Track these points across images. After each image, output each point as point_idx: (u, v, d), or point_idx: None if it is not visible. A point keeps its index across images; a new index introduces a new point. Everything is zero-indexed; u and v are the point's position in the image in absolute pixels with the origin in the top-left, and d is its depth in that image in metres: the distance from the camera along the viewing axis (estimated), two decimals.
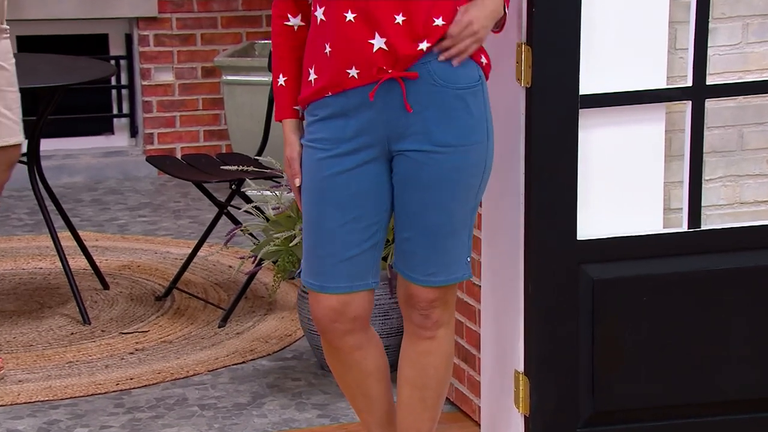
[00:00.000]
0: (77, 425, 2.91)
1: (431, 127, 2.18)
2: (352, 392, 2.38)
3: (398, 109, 2.17)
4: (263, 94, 3.87)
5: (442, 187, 2.21)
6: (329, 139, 2.19)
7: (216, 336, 3.42)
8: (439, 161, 2.20)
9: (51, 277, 3.83)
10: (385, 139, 2.20)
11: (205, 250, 3.83)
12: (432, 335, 2.32)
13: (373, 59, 2.13)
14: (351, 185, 2.20)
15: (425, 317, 2.30)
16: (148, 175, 4.98)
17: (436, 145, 2.19)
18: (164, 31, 5.02)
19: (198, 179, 3.55)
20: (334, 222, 2.21)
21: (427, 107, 2.17)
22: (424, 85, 2.16)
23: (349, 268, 2.23)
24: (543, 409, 2.58)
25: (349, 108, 2.18)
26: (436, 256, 2.25)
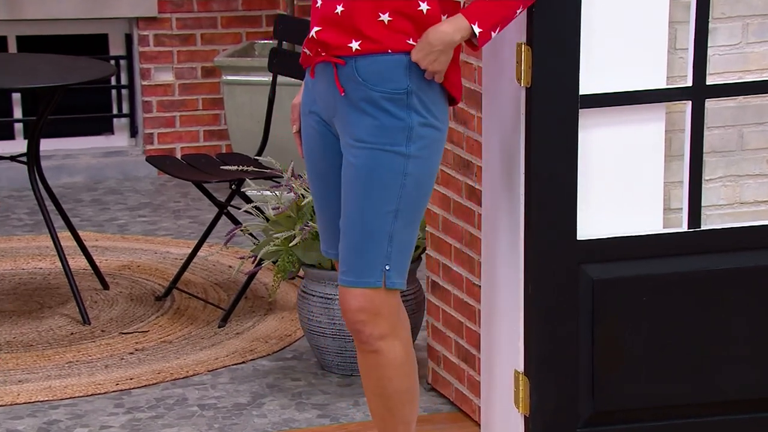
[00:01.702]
0: (77, 425, 2.91)
1: (353, 121, 2.21)
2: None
3: (330, 93, 2.25)
4: (263, 94, 3.87)
5: (356, 181, 2.22)
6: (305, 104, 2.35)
7: (216, 336, 3.42)
8: (356, 155, 2.22)
9: (51, 277, 3.83)
10: (328, 118, 2.29)
11: (205, 250, 3.83)
12: (374, 349, 2.26)
13: (314, 42, 2.23)
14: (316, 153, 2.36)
15: (358, 332, 2.25)
16: (148, 175, 4.98)
17: (353, 138, 2.23)
18: (164, 31, 5.02)
19: (198, 179, 3.55)
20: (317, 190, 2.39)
21: (349, 101, 2.20)
22: (350, 81, 2.20)
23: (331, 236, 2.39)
24: (543, 409, 2.58)
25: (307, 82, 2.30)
26: (350, 254, 2.23)
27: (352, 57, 2.17)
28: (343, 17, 2.14)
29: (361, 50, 2.15)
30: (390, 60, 2.16)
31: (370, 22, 2.13)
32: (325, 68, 2.22)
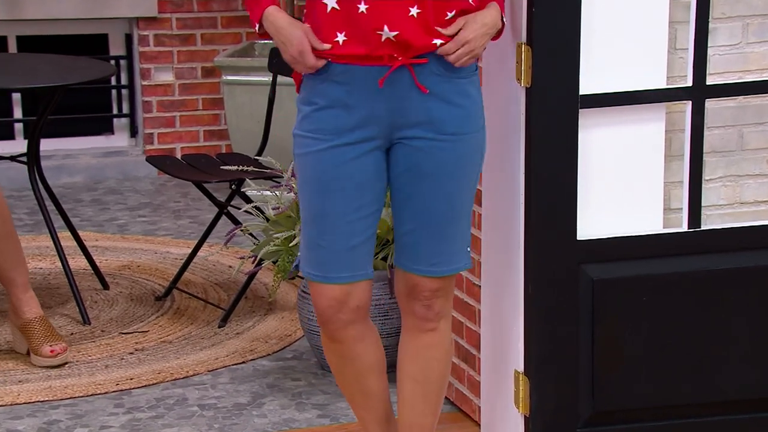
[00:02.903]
0: (77, 425, 2.91)
1: (435, 115, 2.22)
2: (351, 389, 2.38)
3: (404, 98, 2.19)
4: (263, 94, 3.87)
5: (445, 175, 2.25)
6: (329, 129, 2.20)
7: (216, 336, 3.42)
8: (443, 149, 2.23)
9: (51, 277, 3.82)
10: (389, 128, 2.22)
11: (205, 250, 3.83)
12: (434, 327, 2.34)
13: (383, 48, 2.16)
14: (355, 175, 2.21)
15: (428, 308, 2.32)
16: (148, 175, 4.98)
17: (440, 133, 2.22)
18: (164, 31, 5.02)
19: (198, 179, 3.55)
20: (339, 212, 2.22)
21: (431, 96, 2.20)
22: (429, 75, 2.20)
23: (352, 258, 2.25)
24: (543, 409, 2.58)
25: (352, 95, 2.18)
26: (440, 245, 2.28)
27: (430, 54, 2.18)
28: (420, 18, 2.16)
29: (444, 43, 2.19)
30: None
31: (440, 19, 2.18)
32: (395, 74, 2.17)
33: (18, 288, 3.18)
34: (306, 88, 2.23)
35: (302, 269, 2.30)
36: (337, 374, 2.38)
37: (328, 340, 2.33)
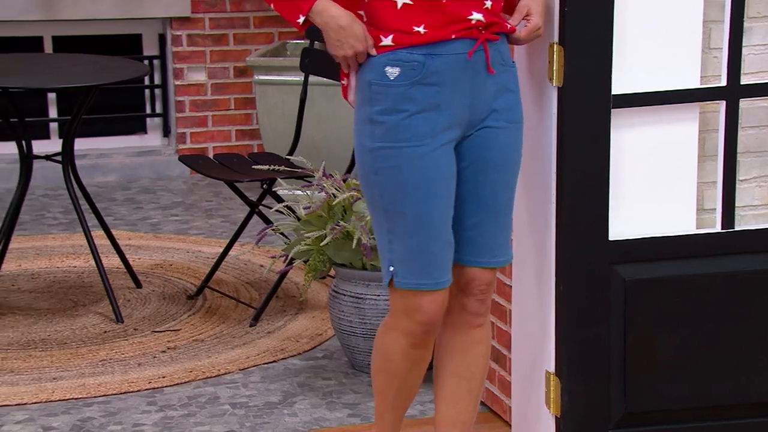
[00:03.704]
0: (110, 423, 2.93)
1: (502, 103, 2.27)
2: (404, 390, 2.36)
3: (480, 90, 2.23)
4: (295, 93, 3.88)
5: (509, 164, 2.30)
6: (423, 134, 2.19)
7: (247, 335, 3.44)
8: (507, 137, 2.29)
9: (85, 276, 3.86)
10: (467, 126, 2.25)
11: (237, 250, 3.84)
12: (482, 322, 2.37)
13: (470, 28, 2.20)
14: (448, 176, 2.23)
15: (481, 302, 2.34)
16: (181, 174, 5.01)
17: (507, 121, 2.28)
18: (197, 31, 5.05)
19: (230, 179, 3.56)
20: (442, 215, 2.22)
21: (500, 86, 2.26)
22: (497, 65, 2.25)
23: (451, 258, 2.26)
24: (574, 409, 2.57)
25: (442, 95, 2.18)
26: (501, 236, 2.32)
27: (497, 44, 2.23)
28: (492, 9, 2.22)
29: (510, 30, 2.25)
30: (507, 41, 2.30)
31: (500, 10, 2.26)
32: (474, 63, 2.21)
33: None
34: (387, 98, 2.18)
35: (405, 283, 2.22)
36: (398, 378, 2.34)
37: (410, 347, 2.29)
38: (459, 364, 2.37)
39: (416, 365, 2.33)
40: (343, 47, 2.15)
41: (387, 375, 2.35)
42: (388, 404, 2.39)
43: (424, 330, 2.27)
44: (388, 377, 2.35)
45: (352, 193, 3.14)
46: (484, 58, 2.21)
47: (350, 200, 3.14)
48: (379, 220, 2.24)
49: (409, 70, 2.16)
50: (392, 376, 2.34)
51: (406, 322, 2.27)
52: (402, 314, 2.27)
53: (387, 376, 2.35)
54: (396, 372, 2.34)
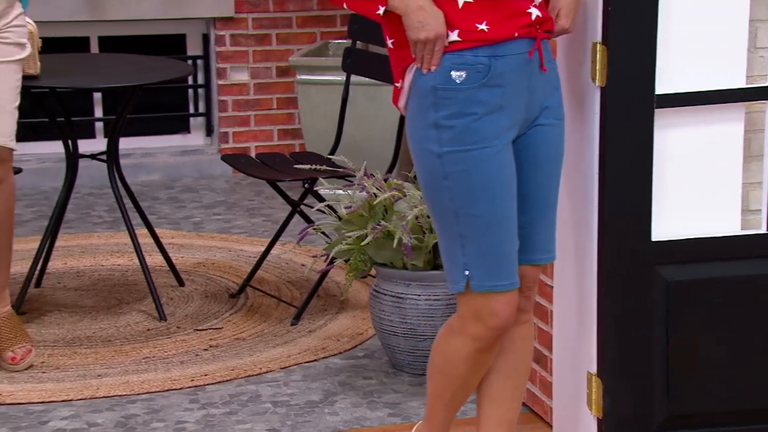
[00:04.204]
0: (153, 420, 2.96)
1: (552, 100, 2.29)
2: (461, 392, 2.36)
3: (535, 88, 2.25)
4: (337, 93, 3.89)
5: (559, 160, 2.33)
6: (491, 135, 2.20)
7: (288, 334, 3.45)
8: (558, 134, 2.32)
9: (129, 274, 3.89)
10: (523, 123, 2.27)
11: (278, 249, 3.86)
12: (528, 318, 2.38)
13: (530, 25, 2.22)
14: (513, 176, 2.25)
15: (527, 299, 2.36)
16: (223, 173, 5.04)
17: (555, 118, 2.31)
18: (240, 31, 5.08)
19: (272, 178, 3.58)
20: (510, 215, 2.24)
21: (550, 83, 2.28)
22: (547, 62, 2.26)
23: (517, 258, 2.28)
24: (616, 411, 2.55)
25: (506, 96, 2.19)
26: (551, 231, 2.35)
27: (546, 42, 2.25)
28: (543, 3, 2.24)
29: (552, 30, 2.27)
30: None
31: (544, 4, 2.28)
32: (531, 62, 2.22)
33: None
34: (454, 102, 2.17)
35: (481, 285, 2.22)
36: (454, 379, 2.33)
37: (477, 351, 2.28)
38: (505, 362, 2.37)
39: (479, 369, 2.34)
40: (424, 29, 2.12)
41: (446, 377, 2.35)
42: (443, 405, 2.39)
43: (495, 335, 2.27)
44: (447, 379, 2.35)
45: (394, 193, 3.14)
46: (539, 57, 2.23)
47: (391, 200, 3.14)
48: (448, 224, 2.23)
49: (475, 73, 2.17)
50: (452, 379, 2.34)
51: (477, 327, 2.26)
52: (473, 319, 2.26)
53: (446, 378, 2.35)
54: (457, 375, 2.33)
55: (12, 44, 3.06)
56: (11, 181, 3.12)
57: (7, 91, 3.05)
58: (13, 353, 3.09)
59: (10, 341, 3.11)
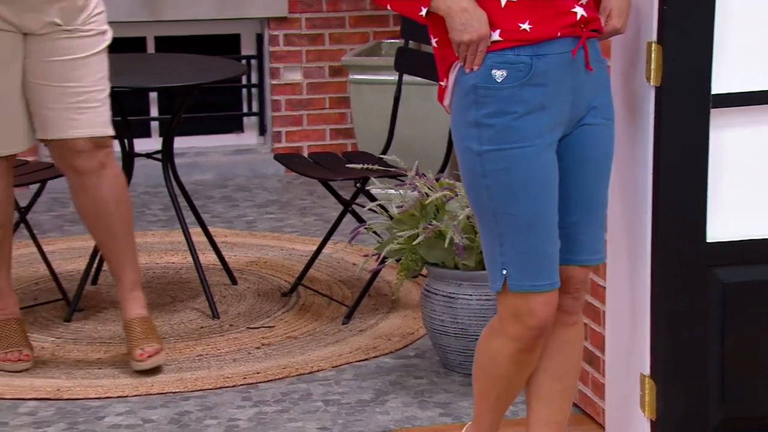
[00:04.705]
0: (206, 417, 2.99)
1: (600, 100, 2.27)
2: (507, 393, 2.36)
3: (581, 87, 2.23)
4: (389, 93, 3.90)
5: (608, 160, 2.31)
6: (532, 134, 2.19)
7: (340, 333, 3.46)
8: (607, 134, 2.29)
9: (182, 272, 3.93)
10: (568, 124, 2.25)
11: (330, 248, 3.87)
12: (576, 320, 2.36)
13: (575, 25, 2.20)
14: (554, 176, 2.24)
15: (576, 300, 2.34)
16: (276, 172, 5.07)
17: (605, 118, 2.28)
18: (294, 30, 5.10)
19: (324, 177, 3.59)
20: (551, 215, 2.22)
21: (598, 83, 2.26)
22: (595, 62, 2.25)
23: (558, 259, 2.26)
24: (670, 413, 2.53)
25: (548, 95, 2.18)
26: (600, 232, 2.33)
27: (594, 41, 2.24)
28: (589, 4, 2.22)
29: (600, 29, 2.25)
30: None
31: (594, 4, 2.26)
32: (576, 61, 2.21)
33: (125, 286, 3.19)
34: (495, 101, 2.17)
35: (519, 285, 2.22)
36: (498, 380, 2.33)
37: (519, 351, 2.28)
38: (553, 363, 2.36)
39: (522, 369, 2.33)
40: (467, 30, 2.13)
41: (490, 378, 2.34)
42: (489, 405, 2.39)
43: (534, 335, 2.26)
44: (491, 380, 2.34)
45: (445, 193, 3.14)
46: (584, 56, 2.21)
47: (443, 199, 3.14)
48: (488, 223, 2.23)
49: (516, 72, 2.16)
50: (496, 380, 2.34)
51: (515, 326, 2.26)
52: (512, 319, 2.26)
53: (490, 379, 2.34)
54: (500, 376, 2.33)
55: (96, 34, 3.09)
56: (115, 168, 3.15)
57: (98, 81, 3.10)
58: (141, 350, 3.13)
59: (141, 340, 3.14)
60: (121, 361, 3.27)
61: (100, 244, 3.20)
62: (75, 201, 3.18)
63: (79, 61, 3.07)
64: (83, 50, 3.07)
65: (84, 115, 3.08)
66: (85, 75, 3.08)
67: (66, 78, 3.06)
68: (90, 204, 3.12)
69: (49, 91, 3.06)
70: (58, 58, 3.04)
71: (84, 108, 3.08)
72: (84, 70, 3.07)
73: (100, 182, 3.10)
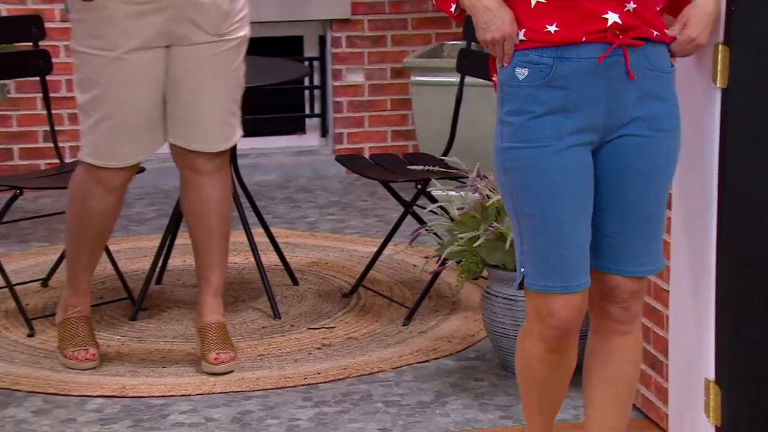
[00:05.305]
0: (268, 417, 3.01)
1: (650, 112, 2.20)
2: (547, 394, 2.35)
3: (619, 96, 2.17)
4: (451, 95, 3.89)
5: (659, 173, 2.23)
6: (549, 136, 2.17)
7: (400, 334, 3.46)
8: (657, 146, 2.21)
9: (245, 272, 3.96)
10: (604, 131, 2.20)
11: (391, 249, 3.88)
12: (629, 329, 2.32)
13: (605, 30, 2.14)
14: (580, 177, 2.19)
15: (625, 310, 2.29)
16: (337, 174, 5.09)
17: (655, 129, 2.20)
18: (356, 32, 5.12)
19: (385, 179, 3.60)
20: (572, 217, 2.19)
21: (645, 93, 2.19)
22: (643, 71, 2.18)
23: (586, 261, 2.22)
24: (736, 419, 2.49)
25: (571, 99, 2.15)
26: (649, 245, 2.26)
27: (644, 49, 2.17)
28: (636, 13, 2.16)
29: (659, 37, 2.18)
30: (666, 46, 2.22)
31: (654, 12, 2.19)
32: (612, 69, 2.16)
33: (210, 289, 3.22)
34: (515, 99, 2.18)
35: (533, 285, 2.22)
36: (540, 384, 2.33)
37: (547, 352, 2.27)
38: (604, 370, 2.34)
39: (555, 370, 2.30)
40: (489, 29, 2.13)
41: (527, 380, 2.34)
42: (534, 409, 2.38)
43: (558, 335, 2.24)
44: (528, 383, 2.34)
45: None
46: (623, 63, 2.15)
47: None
48: (512, 220, 2.25)
49: (537, 72, 2.14)
50: (532, 382, 2.33)
51: (540, 326, 2.25)
52: (536, 318, 2.26)
53: (527, 381, 2.34)
54: (536, 377, 2.32)
55: (239, 43, 3.12)
56: (227, 170, 3.21)
57: (236, 90, 3.15)
58: (217, 355, 3.15)
59: (217, 345, 3.17)
60: (185, 360, 3.31)
61: (196, 244, 3.22)
62: (183, 197, 3.21)
63: (220, 75, 3.08)
64: (225, 64, 3.09)
65: (217, 128, 3.13)
66: (226, 90, 3.10)
67: (209, 92, 3.08)
68: (198, 202, 3.15)
69: (189, 102, 3.07)
70: (202, 71, 3.06)
71: (218, 123, 3.12)
72: (224, 86, 3.09)
73: (212, 182, 3.15)
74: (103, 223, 3.15)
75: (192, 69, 3.06)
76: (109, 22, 2.96)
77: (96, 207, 3.10)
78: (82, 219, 3.13)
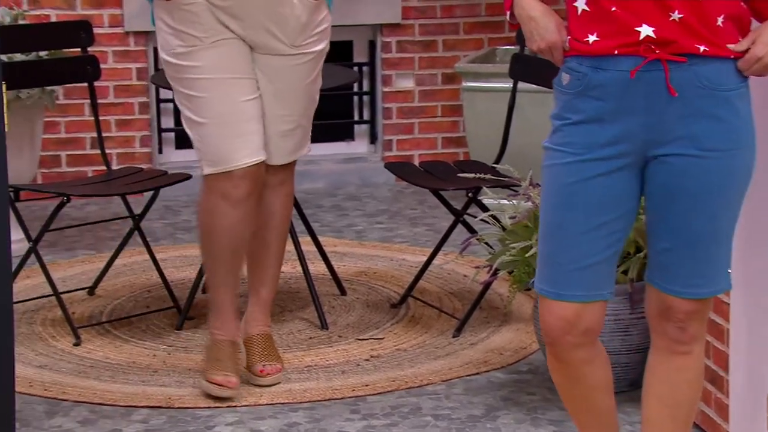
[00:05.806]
0: (315, 429, 2.96)
1: (698, 131, 2.11)
2: (577, 407, 2.32)
3: (662, 112, 2.10)
4: (503, 101, 3.82)
5: (710, 194, 2.14)
6: (580, 144, 2.14)
7: (450, 346, 3.40)
8: (706, 167, 2.12)
9: (292, 282, 3.92)
10: (644, 145, 2.13)
11: (441, 259, 3.81)
12: (687, 350, 2.24)
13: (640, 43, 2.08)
14: (599, 191, 2.14)
15: (682, 330, 2.23)
16: (386, 181, 5.04)
17: (704, 149, 2.11)
18: (407, 37, 5.06)
19: (435, 186, 3.54)
20: (578, 228, 2.15)
21: (693, 110, 2.10)
22: (691, 87, 2.09)
23: (588, 277, 2.17)
24: None
25: (607, 111, 2.11)
26: (700, 267, 2.18)
27: (693, 65, 2.08)
28: (683, 23, 2.08)
29: (709, 52, 2.08)
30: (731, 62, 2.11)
31: (710, 25, 2.08)
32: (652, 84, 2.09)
33: (259, 302, 3.18)
34: (559, 104, 2.19)
35: (536, 284, 2.25)
36: (563, 393, 2.33)
37: (553, 360, 2.28)
38: (662, 389, 2.27)
39: (566, 383, 2.28)
40: (533, 39, 2.17)
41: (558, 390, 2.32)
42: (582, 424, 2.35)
43: (549, 340, 2.22)
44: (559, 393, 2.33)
45: None
46: (663, 78, 2.07)
47: None
48: None
49: (576, 80, 2.14)
50: (560, 392, 2.32)
51: (542, 330, 2.27)
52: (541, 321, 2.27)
53: (559, 392, 2.33)
54: (559, 388, 2.31)
55: (315, 56, 3.07)
56: (291, 185, 3.21)
57: (309, 106, 3.13)
58: (263, 366, 3.12)
59: (264, 356, 3.14)
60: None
61: (250, 256, 3.17)
62: None
63: (294, 88, 3.05)
64: (301, 77, 3.05)
65: (287, 143, 3.11)
66: (296, 104, 3.07)
67: (279, 104, 3.05)
68: (258, 215, 3.10)
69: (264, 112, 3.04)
70: (276, 83, 3.02)
71: (285, 136, 3.10)
72: (296, 100, 3.06)
73: (274, 195, 3.14)
74: (233, 241, 3.06)
75: (267, 78, 3.03)
76: (195, 18, 2.93)
77: (222, 224, 3.03)
78: (212, 238, 3.07)
